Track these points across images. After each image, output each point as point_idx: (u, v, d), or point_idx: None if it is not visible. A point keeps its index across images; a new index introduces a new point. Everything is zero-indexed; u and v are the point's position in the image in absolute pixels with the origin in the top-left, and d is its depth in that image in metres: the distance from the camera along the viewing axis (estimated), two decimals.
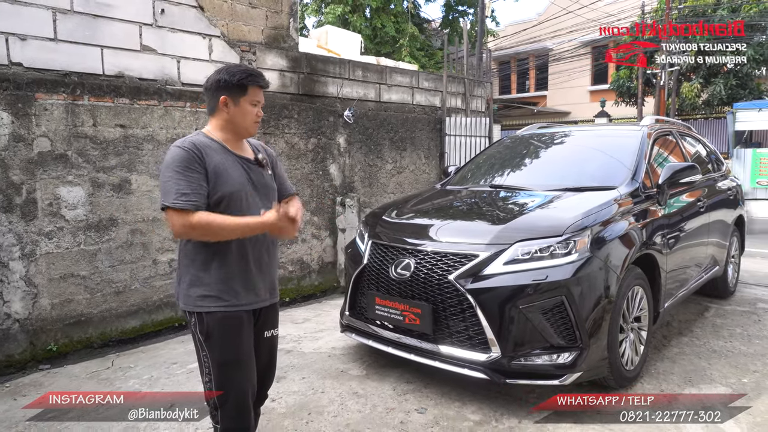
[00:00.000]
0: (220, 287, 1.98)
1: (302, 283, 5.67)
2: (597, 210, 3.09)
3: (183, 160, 1.91)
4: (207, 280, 1.98)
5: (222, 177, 1.96)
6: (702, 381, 3.30)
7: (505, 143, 4.80)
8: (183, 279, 2.03)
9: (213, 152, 1.99)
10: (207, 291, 1.98)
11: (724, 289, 5.03)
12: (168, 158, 1.94)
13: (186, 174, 1.90)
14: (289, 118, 5.46)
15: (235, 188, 1.99)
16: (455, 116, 7.41)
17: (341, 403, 3.04)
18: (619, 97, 18.55)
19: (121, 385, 3.37)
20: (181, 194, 1.87)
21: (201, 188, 1.91)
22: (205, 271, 1.98)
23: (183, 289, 2.02)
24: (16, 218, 3.75)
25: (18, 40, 3.79)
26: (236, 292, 2.00)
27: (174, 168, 1.90)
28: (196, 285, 1.98)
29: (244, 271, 2.02)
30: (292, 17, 5.56)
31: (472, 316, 2.81)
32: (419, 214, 3.60)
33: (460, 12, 20.37)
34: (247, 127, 2.05)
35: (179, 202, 1.87)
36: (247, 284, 2.03)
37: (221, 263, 1.98)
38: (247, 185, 2.04)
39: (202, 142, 2.00)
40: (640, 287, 3.25)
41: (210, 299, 1.97)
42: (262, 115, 2.09)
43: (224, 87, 2.02)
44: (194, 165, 1.92)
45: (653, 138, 4.02)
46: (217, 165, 1.97)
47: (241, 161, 2.06)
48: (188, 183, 1.89)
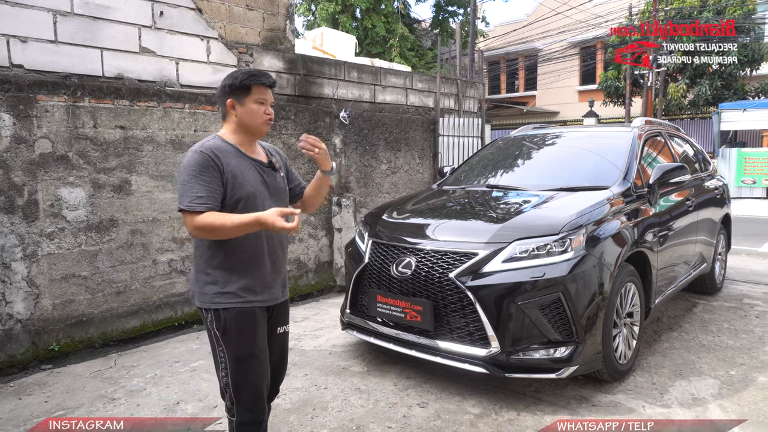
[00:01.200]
0: (236, 284, 2.04)
1: (299, 282, 5.74)
2: (591, 209, 3.20)
3: (199, 164, 1.97)
4: (223, 278, 2.04)
5: (239, 179, 2.03)
6: (692, 374, 3.42)
7: (499, 144, 4.90)
8: (199, 277, 2.08)
9: (229, 156, 2.05)
10: (223, 288, 2.03)
11: (711, 286, 5.18)
12: (185, 162, 2.00)
13: (201, 177, 1.96)
14: (286, 119, 5.52)
15: (251, 191, 2.05)
16: (448, 117, 7.51)
17: (344, 399, 3.11)
18: (608, 98, 18.84)
19: (126, 384, 3.41)
20: (196, 197, 1.93)
21: (216, 192, 1.97)
22: (221, 269, 2.04)
23: (199, 287, 2.07)
24: (17, 219, 3.78)
25: (19, 42, 3.81)
26: (251, 289, 2.06)
27: (191, 172, 1.96)
28: (212, 283, 2.04)
29: (260, 268, 2.08)
30: (289, 19, 5.61)
31: (472, 313, 2.90)
32: (418, 213, 3.68)
33: (450, 12, 20.50)
34: (258, 126, 2.09)
35: (194, 204, 1.93)
36: (262, 281, 2.09)
37: (237, 261, 2.04)
38: (261, 187, 2.10)
39: (219, 146, 2.05)
40: (633, 284, 3.36)
41: (226, 296, 2.03)
42: (272, 113, 2.12)
43: (230, 91, 2.08)
44: (209, 169, 1.97)
45: (643, 139, 4.14)
46: (234, 168, 2.03)
47: (255, 164, 2.12)
48: (203, 186, 1.95)
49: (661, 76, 15.66)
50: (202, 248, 2.09)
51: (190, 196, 1.94)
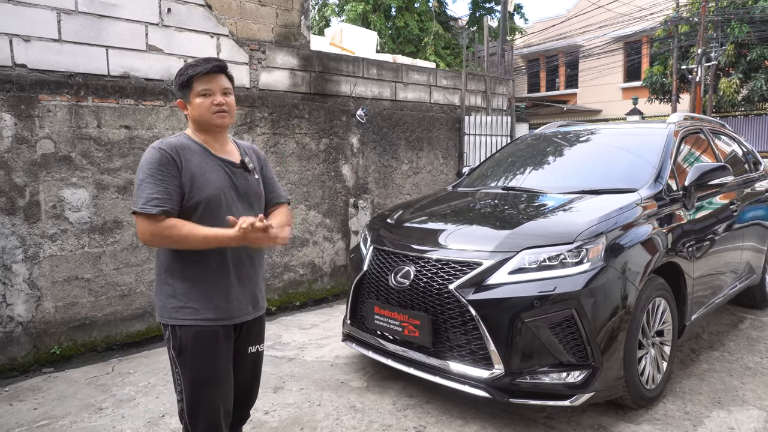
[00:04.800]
0: (196, 298, 1.85)
1: (313, 286, 5.55)
2: (614, 215, 2.85)
3: (155, 163, 1.80)
4: (182, 291, 1.85)
5: (198, 181, 1.84)
6: (733, 402, 3.01)
7: (523, 142, 4.56)
8: (159, 288, 1.91)
9: (192, 154, 1.87)
10: (182, 302, 1.85)
11: (761, 299, 4.67)
12: (142, 160, 1.83)
13: (158, 177, 1.79)
14: (300, 118, 5.35)
15: (213, 193, 1.86)
16: (475, 115, 7.18)
17: (336, 418, 2.88)
18: (653, 94, 17.93)
19: (117, 392, 3.29)
20: (151, 198, 1.76)
21: (173, 193, 1.80)
22: (181, 281, 1.86)
23: (160, 299, 1.90)
24: (19, 220, 3.73)
25: (22, 41, 3.76)
26: (213, 304, 1.87)
27: (146, 171, 1.80)
28: (171, 295, 1.87)
29: (223, 282, 1.89)
30: (304, 15, 5.43)
31: (474, 329, 2.61)
32: (423, 218, 3.41)
33: (486, 9, 20.02)
34: (208, 120, 1.88)
35: (148, 207, 1.76)
36: (226, 296, 1.89)
37: (198, 273, 1.86)
38: (229, 190, 1.90)
39: (181, 143, 1.87)
40: (663, 299, 2.99)
41: (185, 311, 1.85)
42: (223, 101, 1.89)
43: (177, 90, 1.92)
44: (167, 168, 1.80)
45: (680, 136, 3.74)
46: (194, 168, 1.84)
47: (224, 164, 1.93)
48: (159, 187, 1.77)
49: (712, 70, 14.71)
50: (162, 254, 1.91)
51: (144, 197, 1.76)
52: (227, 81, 1.93)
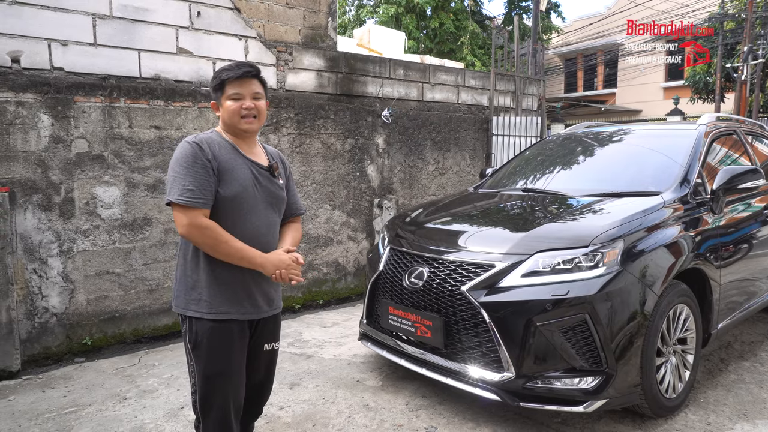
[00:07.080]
0: (213, 293, 1.91)
1: (337, 285, 5.60)
2: (633, 219, 2.78)
3: (190, 156, 1.85)
4: (201, 284, 1.91)
5: (227, 176, 1.89)
6: (760, 415, 2.89)
7: (547, 143, 4.49)
8: (179, 280, 1.98)
9: (222, 150, 1.93)
10: (200, 295, 1.91)
11: None
12: (176, 154, 1.89)
13: (193, 170, 1.83)
14: (326, 119, 5.41)
15: (239, 190, 1.91)
16: (504, 115, 7.09)
17: (349, 416, 2.91)
18: (696, 94, 17.29)
19: (141, 383, 3.41)
20: (186, 190, 1.81)
21: (208, 185, 1.85)
22: (200, 274, 1.92)
23: (177, 291, 1.97)
24: (54, 216, 3.91)
25: (60, 45, 3.95)
26: (229, 299, 1.92)
27: (181, 163, 1.85)
28: (191, 287, 1.93)
29: (240, 278, 1.94)
30: (331, 17, 5.49)
31: (486, 332, 2.59)
32: (440, 219, 3.40)
33: (522, 8, 19.75)
34: (235, 124, 1.95)
35: (184, 198, 1.81)
36: (242, 292, 1.95)
37: (217, 268, 1.91)
38: (254, 190, 1.96)
39: (212, 139, 1.94)
40: (685, 305, 2.90)
41: (202, 303, 1.91)
42: (252, 106, 1.95)
43: (212, 92, 2.01)
44: (201, 161, 1.85)
45: (711, 137, 3.60)
46: (224, 162, 1.90)
47: (251, 164, 1.99)
48: (194, 179, 1.83)
49: (758, 68, 14.08)
50: (185, 250, 1.97)
51: (178, 188, 1.82)
52: (259, 86, 1.98)
